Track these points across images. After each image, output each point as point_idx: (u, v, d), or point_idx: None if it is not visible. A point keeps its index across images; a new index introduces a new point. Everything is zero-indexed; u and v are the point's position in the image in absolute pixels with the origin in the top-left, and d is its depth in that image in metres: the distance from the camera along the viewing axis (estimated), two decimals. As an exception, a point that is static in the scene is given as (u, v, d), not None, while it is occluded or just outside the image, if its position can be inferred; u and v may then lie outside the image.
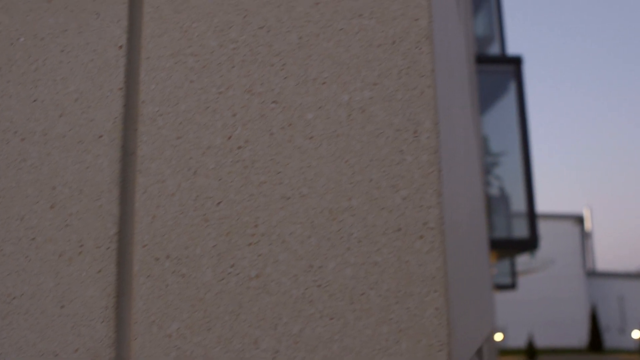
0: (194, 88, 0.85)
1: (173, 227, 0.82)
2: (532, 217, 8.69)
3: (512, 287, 12.77)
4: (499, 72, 9.11)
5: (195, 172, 0.83)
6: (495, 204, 9.26)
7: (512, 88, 9.03)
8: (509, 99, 9.06)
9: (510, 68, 9.04)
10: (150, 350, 0.80)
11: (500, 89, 9.18)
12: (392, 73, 0.80)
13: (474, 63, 7.51)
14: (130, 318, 0.82)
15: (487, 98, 9.20)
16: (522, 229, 8.98)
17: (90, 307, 0.83)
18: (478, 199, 3.53)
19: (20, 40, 0.91)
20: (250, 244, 0.80)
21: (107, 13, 0.89)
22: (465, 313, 1.10)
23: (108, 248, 0.84)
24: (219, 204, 0.81)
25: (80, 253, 0.84)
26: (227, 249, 0.80)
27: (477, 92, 7.22)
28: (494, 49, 10.98)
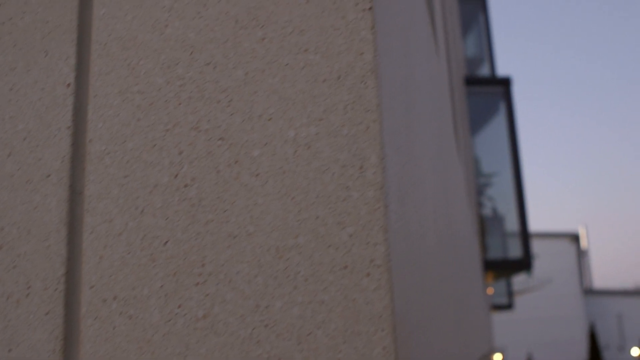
0: (141, 126, 0.84)
1: (120, 267, 0.81)
2: (525, 237, 8.66)
3: (509, 307, 12.70)
4: (489, 93, 9.13)
5: (143, 211, 0.82)
6: (489, 225, 9.23)
7: (502, 109, 9.05)
8: (499, 120, 9.07)
9: (500, 89, 9.05)
10: (97, 395, 0.79)
11: (491, 110, 9.20)
12: (337, 108, 0.79)
13: (463, 85, 7.53)
14: (77, 361, 0.80)
15: (477, 119, 9.21)
16: (516, 249, 8.94)
17: (38, 350, 0.81)
18: (464, 224, 3.51)
19: (-31, 80, 0.90)
20: (198, 284, 0.79)
21: (55, 51, 0.88)
22: (428, 346, 1.08)
23: (56, 289, 0.82)
24: (166, 244, 0.80)
25: (28, 295, 0.83)
26: (174, 289, 0.79)
27: (466, 114, 7.23)
28: (484, 70, 11.02)
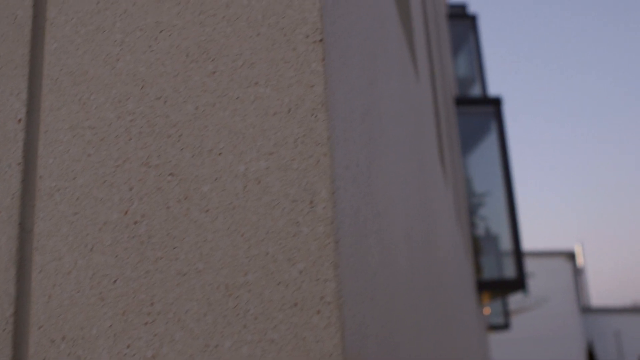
0: (92, 161, 0.83)
1: (69, 306, 0.79)
2: (518, 256, 8.63)
3: (505, 327, 12.62)
4: (480, 113, 9.14)
5: (92, 248, 0.80)
6: (484, 245, 9.20)
7: (493, 128, 9.06)
8: (491, 140, 9.08)
9: (491, 109, 9.07)
10: None
11: (482, 130, 9.21)
12: (288, 142, 0.77)
13: (454, 105, 7.54)
14: (25, 405, 0.78)
15: (469, 139, 9.23)
16: (510, 269, 8.91)
17: (-14, 393, 0.79)
18: (452, 247, 3.49)
19: None
20: (147, 323, 0.77)
21: (6, 85, 0.87)
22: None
23: (4, 330, 0.80)
24: (115, 282, 0.79)
25: (-23, 336, 0.81)
26: (123, 329, 0.77)
27: (457, 134, 7.24)
28: (476, 90, 11.05)
